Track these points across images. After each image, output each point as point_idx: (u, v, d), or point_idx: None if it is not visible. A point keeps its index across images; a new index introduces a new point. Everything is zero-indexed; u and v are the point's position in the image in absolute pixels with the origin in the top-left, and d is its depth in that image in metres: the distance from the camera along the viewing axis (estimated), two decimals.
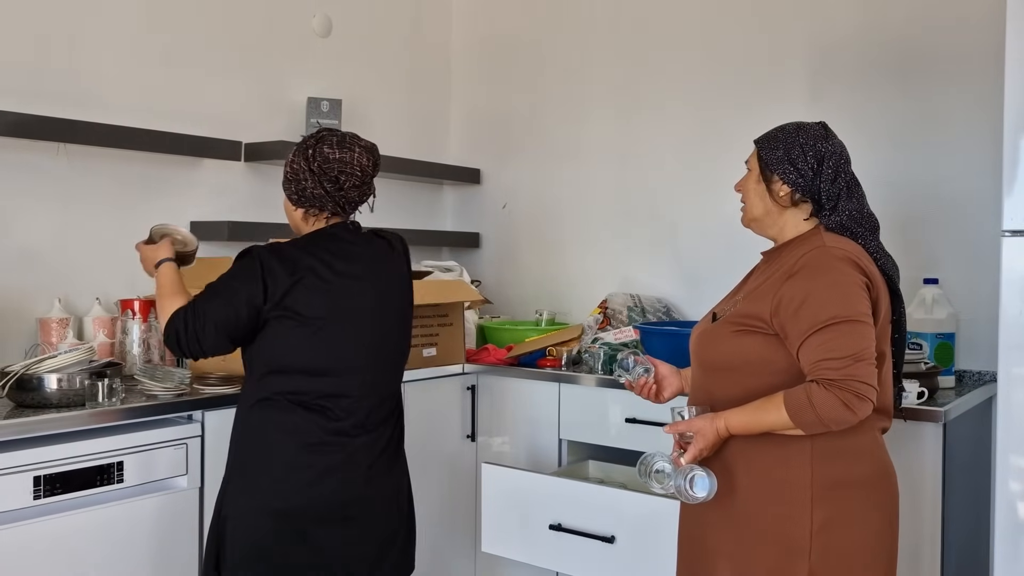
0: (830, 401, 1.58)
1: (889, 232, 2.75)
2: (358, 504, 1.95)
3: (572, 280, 3.45)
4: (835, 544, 1.67)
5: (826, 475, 1.68)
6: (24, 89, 2.47)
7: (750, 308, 1.74)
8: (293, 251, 1.93)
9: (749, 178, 1.86)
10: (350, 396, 1.93)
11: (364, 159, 1.99)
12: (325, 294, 1.91)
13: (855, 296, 1.65)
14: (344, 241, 1.99)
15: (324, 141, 1.98)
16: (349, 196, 1.99)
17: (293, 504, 1.88)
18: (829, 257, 1.69)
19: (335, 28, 3.33)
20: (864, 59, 2.84)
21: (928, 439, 2.18)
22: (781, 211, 1.80)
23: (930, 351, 2.53)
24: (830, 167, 1.78)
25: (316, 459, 1.90)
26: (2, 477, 1.85)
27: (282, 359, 1.91)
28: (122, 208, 2.70)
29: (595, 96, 3.41)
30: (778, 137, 1.82)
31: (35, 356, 2.20)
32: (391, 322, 2.05)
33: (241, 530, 1.89)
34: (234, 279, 1.91)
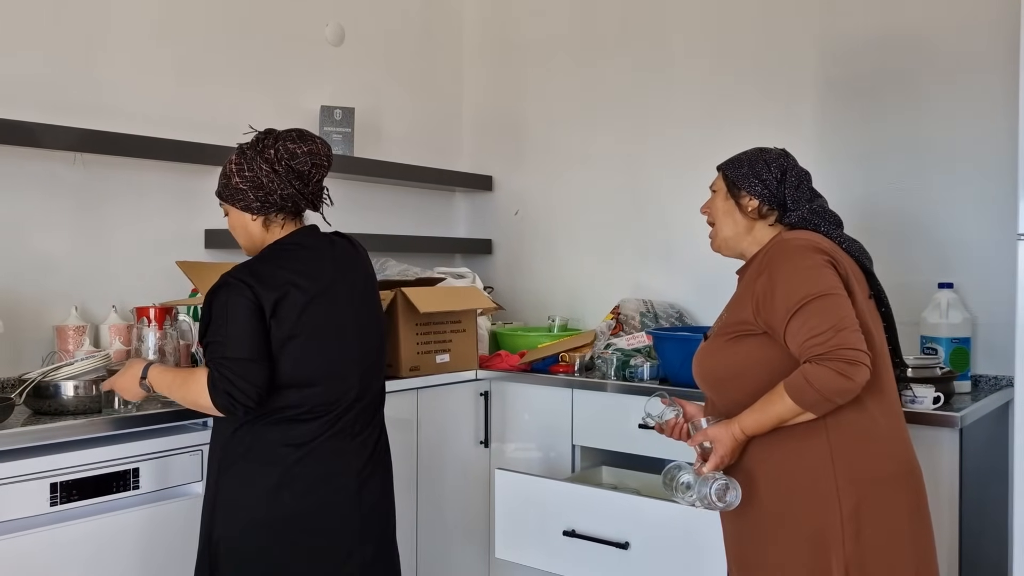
0: (824, 374, 1.61)
1: (903, 236, 2.76)
2: (352, 507, 1.91)
3: (584, 286, 3.45)
4: (867, 533, 1.68)
5: (848, 470, 1.69)
6: (41, 99, 2.50)
7: (734, 316, 1.81)
8: (267, 268, 1.85)
9: (715, 199, 1.94)
10: (341, 404, 1.89)
11: (326, 148, 1.94)
12: (307, 306, 1.84)
13: (819, 273, 1.70)
14: (311, 248, 1.93)
15: (282, 139, 1.90)
16: (316, 191, 1.94)
17: (287, 515, 1.84)
18: (786, 247, 1.77)
19: (348, 37, 3.35)
20: (873, 65, 2.83)
21: (944, 444, 2.16)
22: (750, 226, 1.88)
23: (946, 356, 2.52)
24: (793, 176, 1.87)
25: (308, 469, 1.85)
26: (19, 484, 1.86)
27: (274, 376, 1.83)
28: (138, 217, 2.72)
29: (607, 102, 3.41)
30: (741, 158, 1.92)
31: (52, 363, 2.22)
32: (368, 323, 1.99)
33: (235, 549, 1.84)
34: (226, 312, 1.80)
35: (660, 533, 2.19)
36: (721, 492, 1.72)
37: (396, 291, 2.68)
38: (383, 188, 3.48)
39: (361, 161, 3.22)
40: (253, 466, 1.85)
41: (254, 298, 1.80)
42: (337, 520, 1.90)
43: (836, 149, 2.91)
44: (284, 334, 1.82)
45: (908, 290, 2.66)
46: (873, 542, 1.68)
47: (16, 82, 2.46)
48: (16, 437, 1.87)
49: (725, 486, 1.72)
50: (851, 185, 2.86)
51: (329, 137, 3.17)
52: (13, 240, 2.46)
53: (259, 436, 1.85)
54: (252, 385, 1.77)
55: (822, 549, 1.68)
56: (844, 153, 2.89)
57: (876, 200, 2.82)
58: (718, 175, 1.96)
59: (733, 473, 1.76)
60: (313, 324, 1.86)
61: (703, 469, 1.75)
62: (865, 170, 2.84)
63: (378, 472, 2.00)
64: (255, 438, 1.85)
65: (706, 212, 1.97)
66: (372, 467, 1.97)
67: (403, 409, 2.68)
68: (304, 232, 1.96)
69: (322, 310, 1.88)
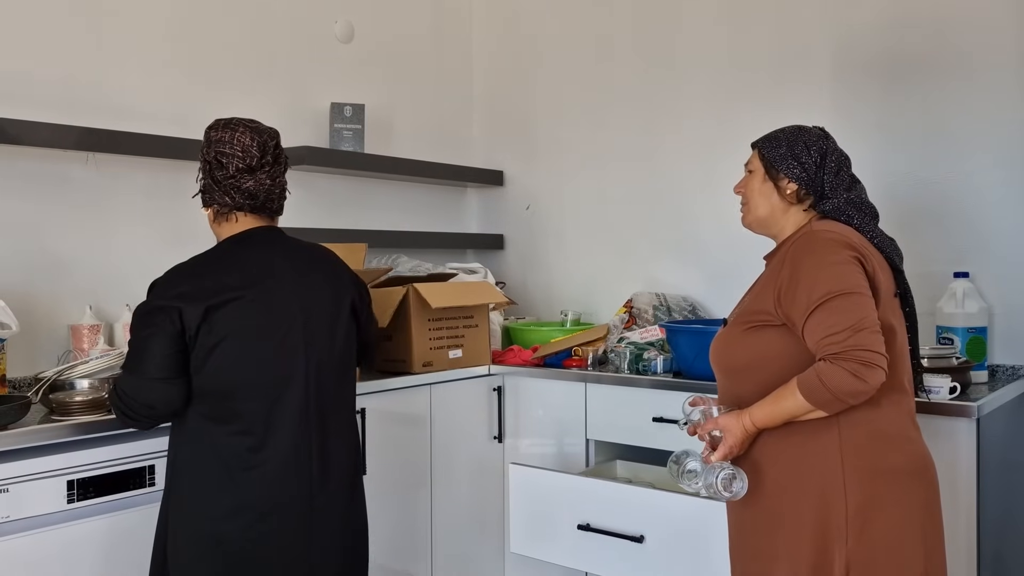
0: (838, 374, 1.59)
1: (919, 225, 2.74)
2: (306, 527, 1.82)
3: (597, 280, 3.44)
4: (871, 530, 1.66)
5: (857, 465, 1.67)
6: (53, 100, 2.51)
7: (756, 304, 1.78)
8: (196, 273, 1.81)
9: (753, 179, 1.88)
10: (285, 413, 1.80)
11: (246, 138, 1.83)
12: (242, 310, 1.77)
13: (844, 270, 1.67)
14: (256, 247, 1.85)
15: (212, 126, 1.87)
16: (241, 185, 1.82)
17: (235, 530, 1.77)
18: (814, 239, 1.73)
19: (357, 34, 3.35)
20: (889, 53, 2.80)
21: (961, 435, 2.14)
22: (786, 209, 1.84)
23: (962, 345, 2.49)
24: (833, 161, 1.82)
25: (251, 484, 1.77)
26: (36, 482, 1.87)
27: (209, 381, 1.77)
28: (150, 216, 2.73)
29: (617, 96, 3.40)
30: (779, 137, 1.86)
31: (67, 362, 2.24)
32: (320, 330, 1.87)
33: (184, 559, 1.79)
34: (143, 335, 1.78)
35: (675, 527, 2.19)
36: (727, 481, 1.71)
37: (408, 287, 2.68)
38: (394, 184, 3.49)
39: (372, 157, 3.22)
40: (198, 476, 1.78)
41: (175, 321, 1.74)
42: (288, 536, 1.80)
43: (851, 138, 2.87)
44: (212, 341, 1.75)
45: (924, 279, 2.64)
46: (880, 540, 1.66)
47: (28, 83, 2.47)
48: (32, 435, 1.89)
49: (732, 475, 1.71)
50: (866, 174, 2.82)
51: (340, 134, 3.17)
52: (27, 240, 2.47)
53: (202, 444, 1.78)
54: (144, 404, 1.77)
55: (824, 544, 1.66)
56: (859, 142, 2.86)
57: (891, 189, 2.79)
58: (754, 153, 1.89)
59: (741, 463, 1.75)
60: (249, 328, 1.77)
61: (711, 458, 1.74)
62: (880, 159, 2.82)
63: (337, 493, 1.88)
64: (199, 445, 1.79)
65: (740, 192, 1.91)
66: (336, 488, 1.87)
67: (416, 405, 2.68)
68: (258, 230, 1.88)
69: (261, 314, 1.79)
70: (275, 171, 1.89)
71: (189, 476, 1.80)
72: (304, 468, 1.83)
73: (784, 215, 1.84)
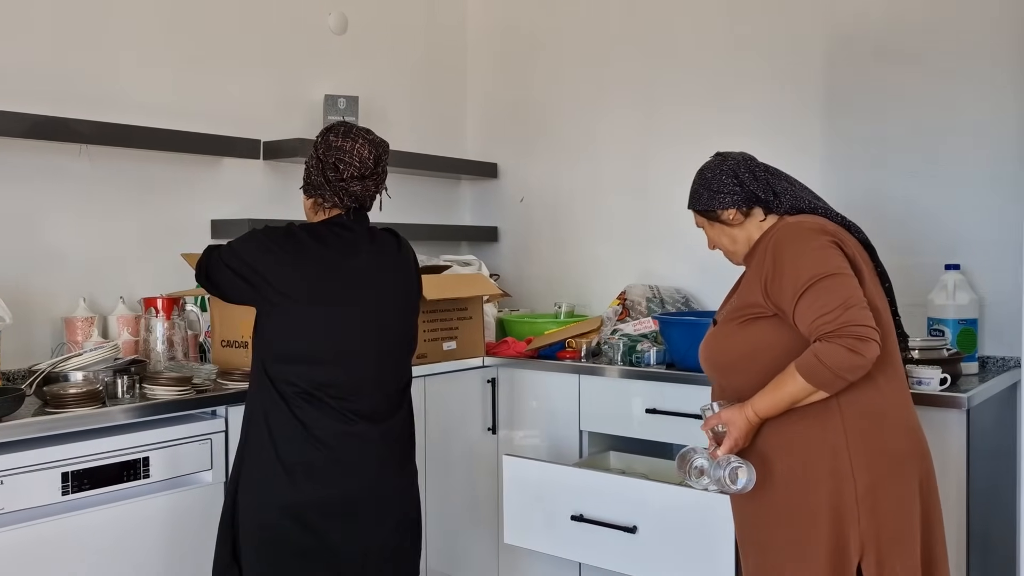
0: (835, 351, 1.63)
1: (910, 217, 2.75)
2: (368, 498, 1.95)
3: (590, 272, 3.45)
4: (878, 507, 1.69)
5: (863, 448, 1.70)
6: (45, 91, 2.50)
7: (744, 299, 1.82)
8: (290, 231, 1.95)
9: (709, 232, 1.97)
10: (350, 386, 1.93)
11: (365, 150, 1.98)
12: (322, 280, 1.92)
13: (825, 254, 1.72)
14: (346, 230, 1.99)
15: (332, 131, 2.01)
16: (350, 188, 1.98)
17: (299, 499, 1.89)
18: (792, 229, 1.79)
19: (351, 25, 3.34)
20: (882, 45, 2.81)
21: (952, 426, 2.16)
22: (742, 228, 1.91)
23: (952, 337, 2.51)
24: (745, 171, 1.90)
25: (319, 453, 1.89)
26: (30, 473, 1.88)
27: (282, 346, 1.91)
28: (144, 208, 2.73)
29: (612, 87, 3.40)
30: (696, 190, 1.96)
31: (61, 355, 2.24)
32: (391, 314, 2.03)
33: (252, 521, 1.91)
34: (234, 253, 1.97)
35: (668, 517, 2.20)
36: (735, 475, 1.74)
37: None
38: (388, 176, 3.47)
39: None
40: (265, 441, 1.90)
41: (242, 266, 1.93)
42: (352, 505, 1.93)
43: (844, 131, 2.90)
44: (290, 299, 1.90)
45: (915, 272, 2.66)
46: (885, 516, 1.69)
47: (22, 75, 2.47)
48: (27, 427, 1.89)
49: (739, 469, 1.74)
50: (859, 167, 2.86)
51: None
52: (21, 232, 2.47)
53: (271, 410, 1.91)
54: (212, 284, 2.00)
55: (839, 526, 1.69)
56: (852, 135, 2.88)
57: (883, 182, 2.81)
58: (693, 214, 2.00)
59: (747, 456, 1.78)
60: (326, 299, 1.91)
61: (717, 453, 1.77)
62: (872, 152, 2.83)
63: (404, 468, 2.04)
64: (268, 411, 1.91)
65: (714, 248, 2.00)
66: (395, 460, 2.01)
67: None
68: (335, 220, 2.00)
69: (339, 289, 1.93)
70: (381, 178, 2.05)
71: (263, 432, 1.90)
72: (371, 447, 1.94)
73: (744, 234, 1.91)
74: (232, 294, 2.00)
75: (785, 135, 2.99)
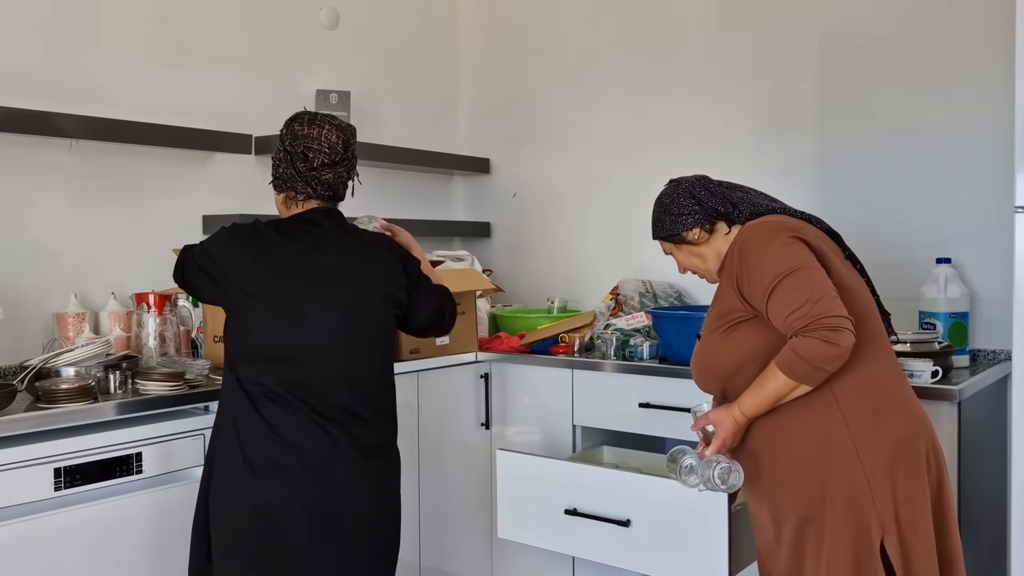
0: (811, 344, 1.64)
1: (902, 211, 2.76)
2: (337, 501, 1.87)
3: (583, 267, 3.45)
4: (890, 486, 1.70)
5: (865, 433, 1.71)
6: (36, 86, 2.49)
7: (722, 306, 1.85)
8: (255, 227, 1.91)
9: (678, 256, 2.01)
10: (317, 387, 1.85)
11: (333, 136, 1.94)
12: (287, 277, 1.86)
13: (787, 251, 1.74)
14: (316, 226, 1.93)
15: (296, 120, 1.97)
16: (322, 177, 1.93)
17: (266, 499, 1.83)
18: (752, 232, 1.82)
19: (342, 20, 3.33)
20: (872, 39, 2.82)
21: (943, 418, 2.17)
22: (710, 246, 1.94)
23: (944, 330, 2.52)
24: (701, 189, 1.93)
25: (286, 454, 1.82)
26: (23, 469, 1.87)
27: (246, 344, 1.86)
28: (135, 203, 2.72)
29: (605, 82, 3.40)
30: (658, 218, 2.00)
31: (53, 350, 2.23)
32: (364, 313, 1.93)
33: (222, 521, 1.87)
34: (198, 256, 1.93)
35: (661, 511, 2.20)
36: (724, 475, 1.76)
37: None
38: (380, 172, 3.47)
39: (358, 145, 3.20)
40: (233, 441, 1.85)
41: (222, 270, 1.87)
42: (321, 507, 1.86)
43: (835, 126, 2.91)
44: (252, 296, 1.85)
45: (906, 265, 2.67)
46: (900, 495, 1.70)
47: (12, 69, 2.45)
48: (19, 423, 1.88)
49: (728, 469, 1.76)
50: (850, 161, 2.86)
51: None
52: (11, 227, 2.45)
53: (238, 409, 1.86)
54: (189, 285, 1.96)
55: (856, 510, 1.70)
56: (843, 129, 2.89)
57: (875, 176, 2.81)
58: (660, 243, 2.03)
59: (750, 456, 1.79)
60: (291, 296, 1.86)
61: (706, 452, 1.79)
62: (863, 145, 2.84)
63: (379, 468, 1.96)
64: (235, 410, 1.86)
65: (685, 271, 2.03)
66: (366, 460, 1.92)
67: (404, 392, 2.66)
68: (322, 211, 1.96)
69: (304, 286, 1.87)
70: (351, 164, 2.00)
71: (231, 429, 1.86)
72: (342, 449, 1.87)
73: (713, 250, 1.93)
74: (204, 293, 1.95)
75: (776, 131, 2.99)
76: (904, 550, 1.69)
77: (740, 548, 2.09)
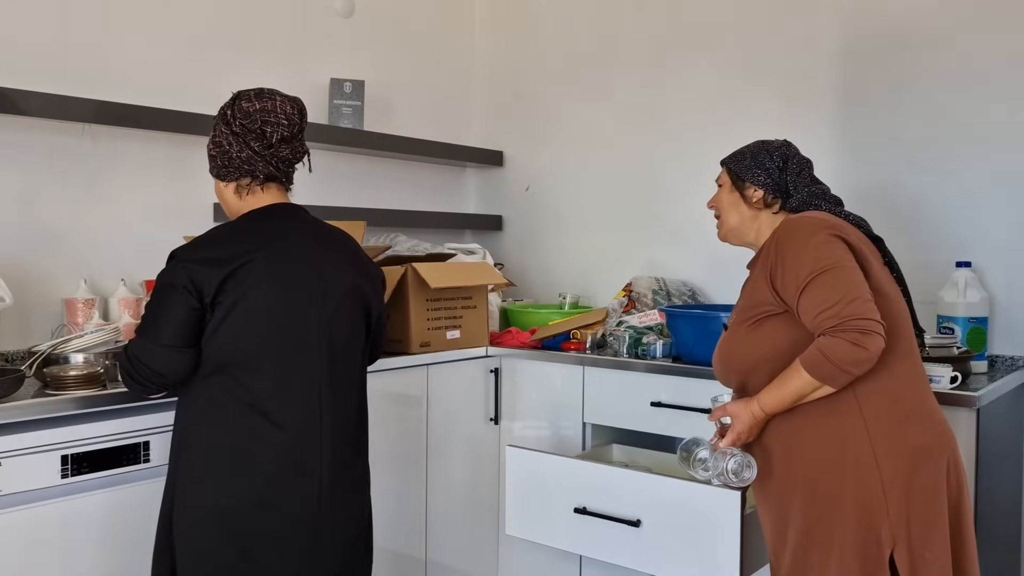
0: (839, 345, 1.61)
1: (921, 214, 2.72)
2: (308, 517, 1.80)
3: (596, 263, 3.43)
4: (906, 499, 1.67)
5: (886, 438, 1.68)
6: (49, 70, 2.47)
7: (753, 298, 1.80)
8: (216, 242, 1.78)
9: (721, 192, 1.96)
10: (297, 384, 1.78)
11: (288, 107, 1.82)
12: (260, 283, 1.74)
13: (825, 248, 1.70)
14: (279, 220, 1.83)
15: (242, 96, 1.83)
16: (280, 153, 1.81)
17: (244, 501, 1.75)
18: (792, 226, 1.78)
19: (358, 9, 3.30)
20: (895, 38, 2.78)
21: (962, 425, 2.13)
22: (755, 215, 1.90)
23: (962, 335, 2.49)
24: (795, 164, 1.89)
25: (263, 465, 1.75)
26: (30, 456, 1.85)
27: (223, 351, 1.74)
28: (146, 190, 2.70)
29: (620, 76, 3.37)
30: (744, 151, 1.94)
31: (61, 336, 2.21)
32: (334, 311, 1.84)
33: (185, 536, 1.78)
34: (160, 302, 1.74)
35: (672, 511, 2.18)
36: (738, 468, 1.74)
37: (407, 266, 2.66)
38: (393, 163, 3.45)
39: (371, 135, 3.19)
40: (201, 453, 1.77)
41: (193, 288, 1.71)
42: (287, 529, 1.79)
43: (854, 125, 2.87)
44: (227, 309, 1.73)
45: (925, 269, 2.63)
46: (915, 507, 1.67)
47: (25, 53, 2.43)
48: (26, 409, 1.86)
49: (742, 463, 1.74)
50: (868, 162, 2.83)
51: (339, 110, 3.14)
52: (21, 212, 2.44)
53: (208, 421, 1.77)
54: (154, 372, 1.73)
55: (868, 518, 1.67)
56: (861, 131, 2.85)
57: (893, 178, 2.78)
58: (722, 170, 1.98)
59: (764, 454, 1.76)
60: (263, 304, 1.75)
61: (720, 444, 1.76)
62: (882, 148, 2.80)
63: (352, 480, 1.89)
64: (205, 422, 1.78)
65: (713, 206, 1.99)
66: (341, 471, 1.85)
67: (413, 385, 2.66)
68: (280, 206, 1.86)
69: (268, 284, 1.76)
70: (303, 137, 1.89)
71: (197, 447, 1.78)
72: (314, 440, 1.81)
73: (754, 222, 1.90)
74: None
75: (795, 128, 2.94)
76: (914, 563, 1.66)
77: (752, 551, 2.07)
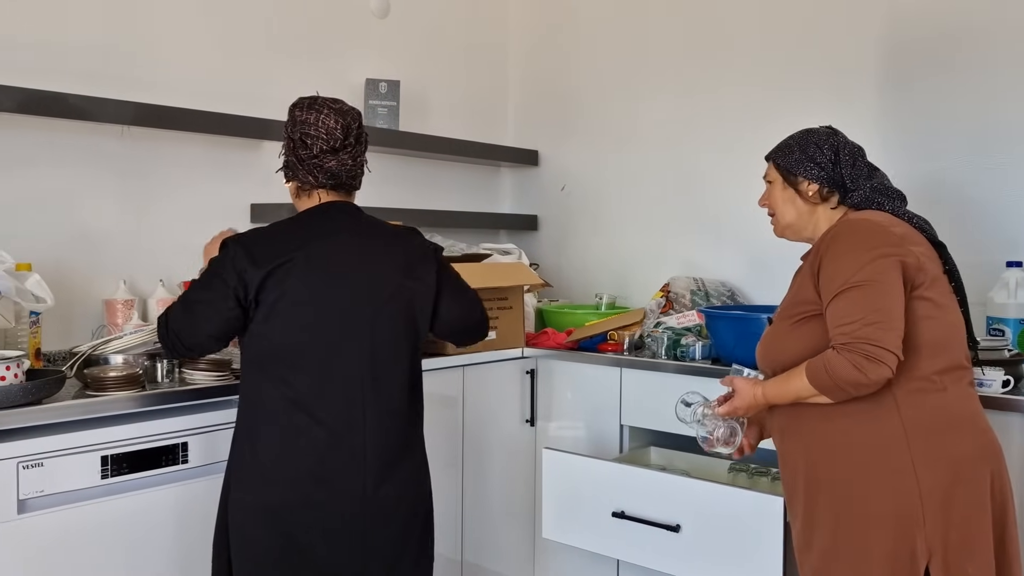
0: (841, 364, 1.59)
1: (970, 212, 2.65)
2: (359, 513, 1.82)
3: (633, 263, 3.39)
4: (945, 510, 1.62)
5: (926, 447, 1.63)
6: (89, 72, 2.49)
7: (798, 296, 1.77)
8: (267, 237, 1.84)
9: (773, 189, 1.90)
10: (329, 391, 1.80)
11: (331, 121, 1.85)
12: (303, 281, 1.79)
13: (871, 264, 1.64)
14: (331, 219, 1.87)
15: (297, 105, 1.90)
16: (324, 165, 1.85)
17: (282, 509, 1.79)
18: (848, 227, 1.73)
19: (393, 9, 3.30)
20: (943, 29, 2.70)
21: (1014, 430, 2.07)
22: (812, 210, 1.84)
23: (1013, 337, 2.42)
24: (847, 155, 1.82)
25: (305, 460, 1.78)
26: (70, 456, 1.87)
27: (263, 351, 1.80)
28: (184, 191, 2.71)
29: (655, 75, 3.33)
30: (790, 143, 1.87)
31: (101, 337, 2.23)
32: (380, 310, 1.85)
33: (240, 534, 1.83)
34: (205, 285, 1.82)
35: (713, 518, 2.14)
36: (724, 437, 1.85)
37: None
38: (428, 162, 3.44)
39: (406, 135, 3.18)
40: (251, 449, 1.82)
41: (238, 281, 1.77)
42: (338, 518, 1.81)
43: (900, 120, 2.80)
44: (270, 305, 1.78)
45: (975, 269, 2.53)
46: (954, 520, 1.62)
47: (64, 56, 2.45)
48: (67, 410, 1.88)
49: (733, 430, 1.84)
50: (915, 158, 2.75)
51: (374, 110, 3.13)
52: (62, 214, 2.46)
53: (256, 415, 1.82)
54: (186, 347, 1.85)
55: (903, 530, 1.62)
56: (908, 124, 2.78)
57: (942, 174, 2.70)
58: (769, 165, 1.92)
59: (799, 453, 1.76)
60: (309, 300, 1.79)
61: (718, 409, 1.83)
62: (930, 142, 2.73)
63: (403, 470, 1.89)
64: (253, 417, 1.83)
65: (765, 204, 1.93)
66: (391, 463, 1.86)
67: (449, 386, 2.65)
68: (337, 205, 1.90)
69: (321, 288, 1.80)
70: (356, 151, 1.91)
71: (247, 442, 1.83)
72: (357, 439, 1.82)
73: (812, 216, 1.84)
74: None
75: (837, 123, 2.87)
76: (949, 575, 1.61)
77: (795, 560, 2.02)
